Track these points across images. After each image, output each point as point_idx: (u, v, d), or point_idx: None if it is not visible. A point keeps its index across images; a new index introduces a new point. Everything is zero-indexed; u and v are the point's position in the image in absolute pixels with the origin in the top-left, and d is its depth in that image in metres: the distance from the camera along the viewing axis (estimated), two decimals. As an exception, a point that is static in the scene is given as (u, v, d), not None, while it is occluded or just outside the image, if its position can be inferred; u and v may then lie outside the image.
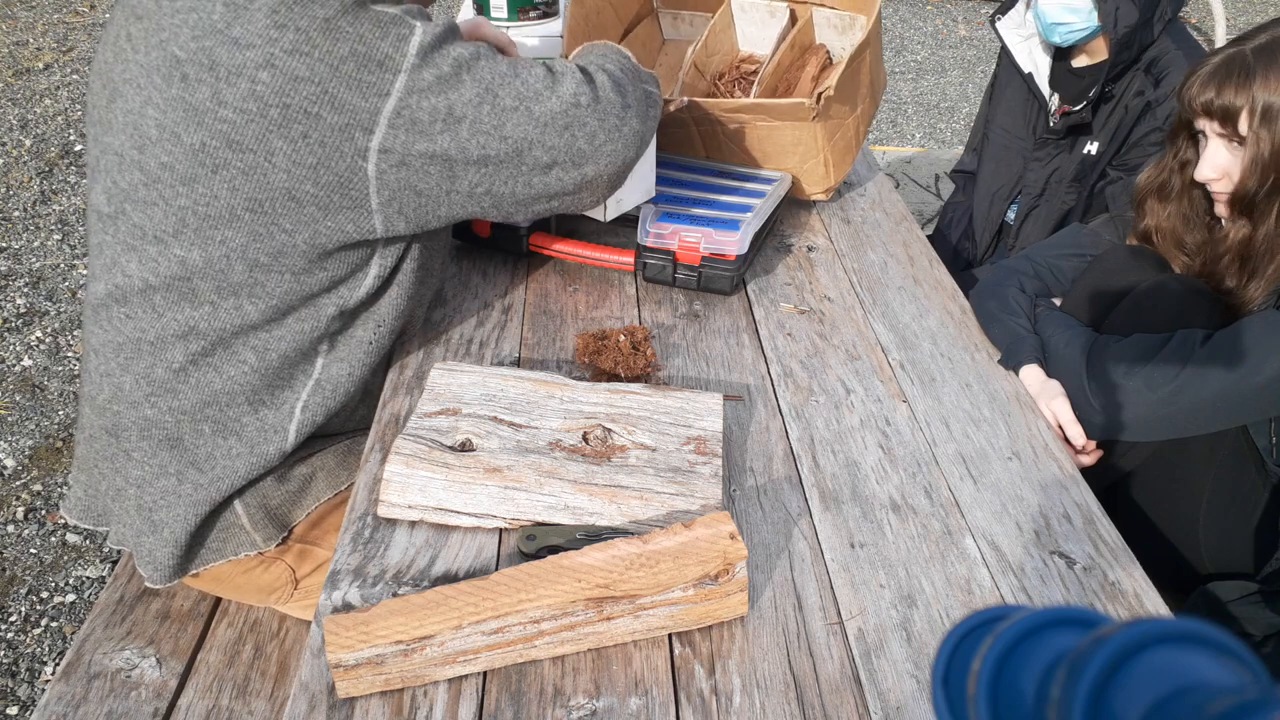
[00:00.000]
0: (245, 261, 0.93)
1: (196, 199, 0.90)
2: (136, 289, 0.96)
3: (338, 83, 0.85)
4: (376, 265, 1.01)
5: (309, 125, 0.86)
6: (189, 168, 0.89)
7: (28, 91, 3.80)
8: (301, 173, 0.88)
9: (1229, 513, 1.27)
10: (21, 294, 2.63)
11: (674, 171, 1.46)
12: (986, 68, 4.93)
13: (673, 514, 0.86)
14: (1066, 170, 1.80)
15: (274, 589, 1.11)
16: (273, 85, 0.85)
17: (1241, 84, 1.15)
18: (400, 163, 0.90)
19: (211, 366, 0.99)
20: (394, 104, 0.87)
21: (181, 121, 0.87)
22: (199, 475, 1.02)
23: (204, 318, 0.96)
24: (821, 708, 0.75)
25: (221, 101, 0.86)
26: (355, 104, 0.86)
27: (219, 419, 1.01)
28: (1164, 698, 0.31)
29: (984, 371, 1.19)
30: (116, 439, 1.03)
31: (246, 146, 0.87)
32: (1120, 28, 1.56)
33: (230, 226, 0.91)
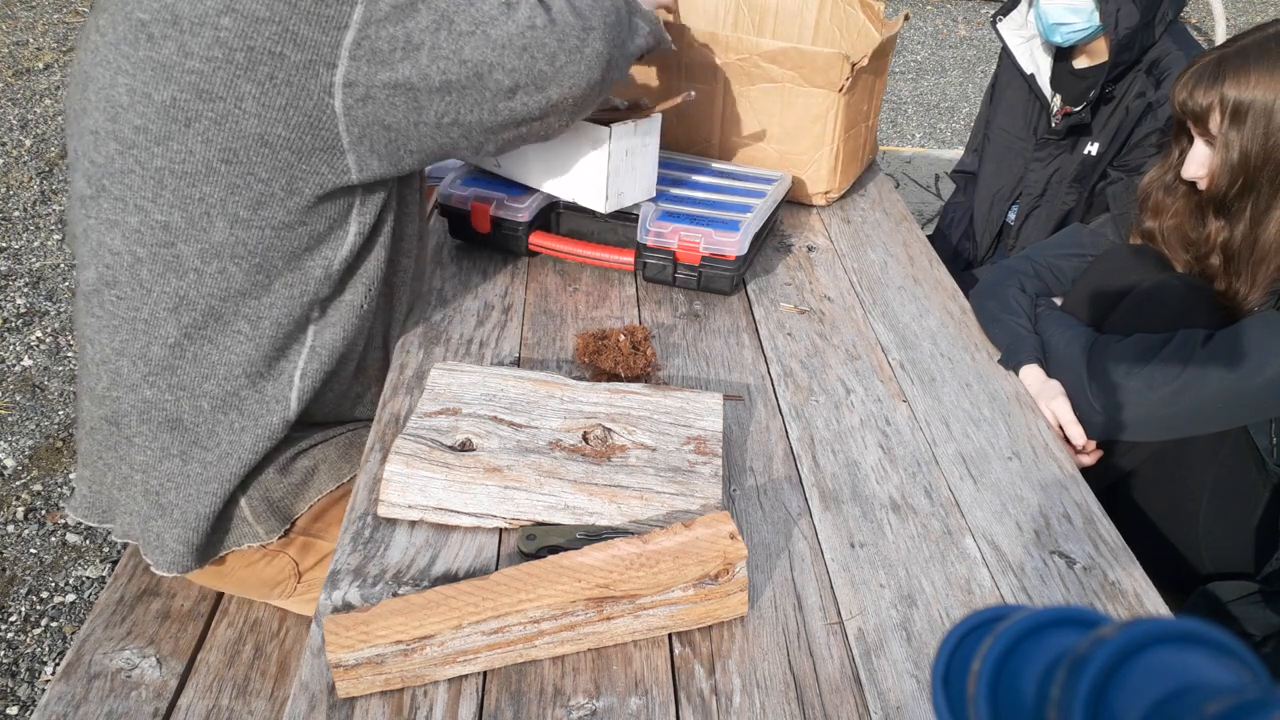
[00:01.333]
0: (225, 217, 0.93)
1: (172, 157, 0.91)
2: (124, 265, 0.96)
3: (297, 19, 0.87)
4: (355, 222, 1.01)
5: (274, 65, 0.87)
6: (162, 125, 0.90)
7: (28, 91, 3.80)
8: (272, 115, 0.89)
9: (1229, 513, 1.27)
10: (21, 294, 2.63)
11: (674, 171, 1.46)
12: (986, 68, 4.93)
13: (673, 514, 0.86)
14: (1067, 171, 1.80)
15: (277, 582, 1.11)
16: (235, 29, 0.86)
17: (1211, 84, 1.17)
18: (365, 96, 0.91)
19: (206, 339, 0.99)
20: (353, 35, 0.88)
21: (151, 80, 0.89)
22: (204, 454, 1.02)
23: (191, 285, 0.96)
24: (821, 708, 0.75)
25: (188, 53, 0.87)
26: (316, 39, 0.87)
27: (218, 394, 1.01)
28: (1164, 698, 0.31)
29: (984, 371, 1.19)
30: (117, 426, 1.03)
31: (216, 95, 0.88)
32: (1121, 29, 1.56)
33: (208, 181, 0.92)
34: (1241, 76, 1.14)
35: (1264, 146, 1.14)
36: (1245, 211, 1.19)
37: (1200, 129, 1.20)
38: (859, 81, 1.45)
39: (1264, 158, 1.15)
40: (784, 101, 1.45)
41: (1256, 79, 1.13)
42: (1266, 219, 1.18)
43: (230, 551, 1.06)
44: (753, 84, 1.46)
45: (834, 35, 1.72)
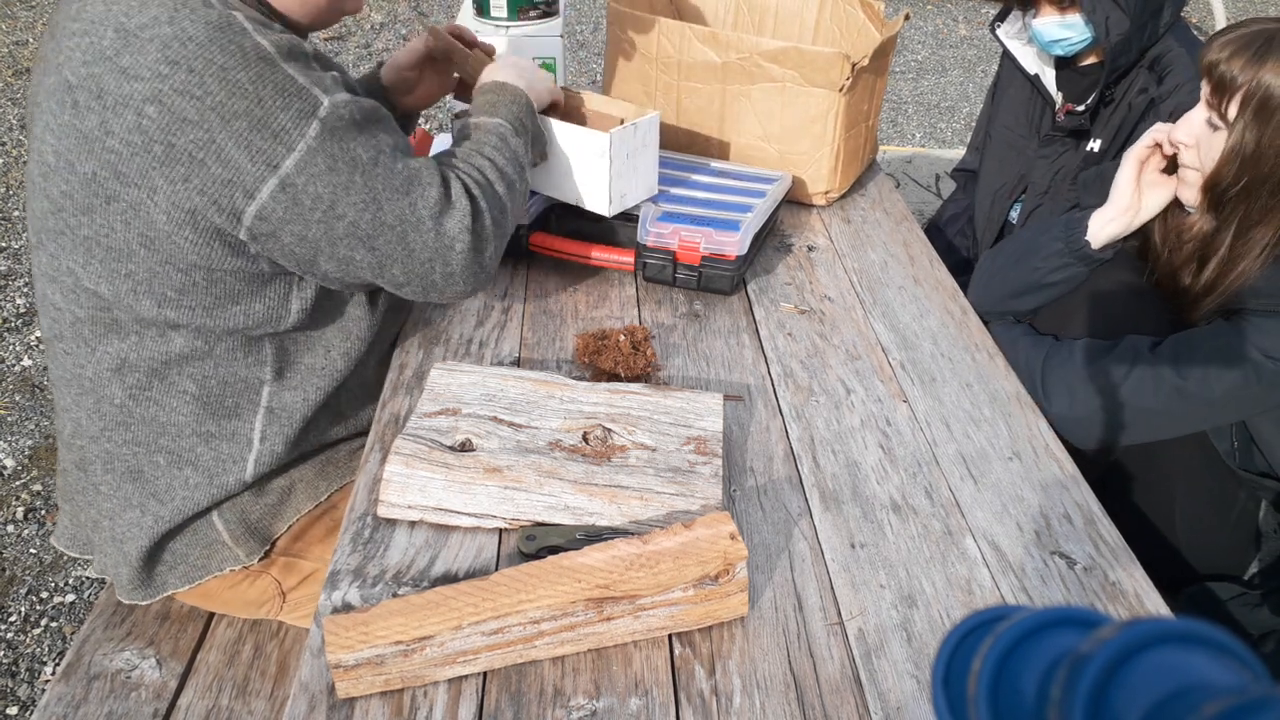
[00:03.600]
0: (153, 297, 0.90)
1: (96, 229, 0.87)
2: (67, 322, 0.94)
3: (226, 136, 0.82)
4: (296, 299, 0.97)
5: (191, 169, 0.83)
6: (85, 197, 0.86)
7: (28, 91, 3.80)
8: (180, 216, 0.85)
9: (1205, 514, 1.27)
10: (21, 294, 2.63)
11: (674, 171, 1.46)
12: (987, 67, 4.93)
13: (673, 514, 0.86)
14: (1071, 168, 1.80)
15: (261, 603, 1.11)
16: (159, 121, 0.81)
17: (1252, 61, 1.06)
18: (271, 234, 0.88)
19: (152, 400, 0.97)
20: (280, 178, 0.84)
21: (74, 149, 0.84)
22: (159, 507, 1.01)
23: (132, 348, 0.94)
24: (821, 708, 0.75)
25: (109, 131, 0.82)
26: (241, 164, 0.83)
27: (173, 449, 1.00)
28: (1164, 698, 0.31)
29: (984, 371, 1.19)
30: (85, 473, 1.03)
31: (132, 180, 0.84)
32: (1113, 35, 1.57)
33: (131, 260, 0.88)
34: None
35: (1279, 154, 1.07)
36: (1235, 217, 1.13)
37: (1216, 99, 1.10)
38: (860, 81, 1.44)
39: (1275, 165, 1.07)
40: (784, 101, 1.45)
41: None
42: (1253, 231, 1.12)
43: (213, 576, 1.06)
44: (753, 83, 1.46)
45: (834, 35, 1.72)
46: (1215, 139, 1.13)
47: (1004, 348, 1.25)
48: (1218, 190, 1.14)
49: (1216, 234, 1.16)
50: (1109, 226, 1.26)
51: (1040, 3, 1.67)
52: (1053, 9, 1.65)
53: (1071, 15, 1.63)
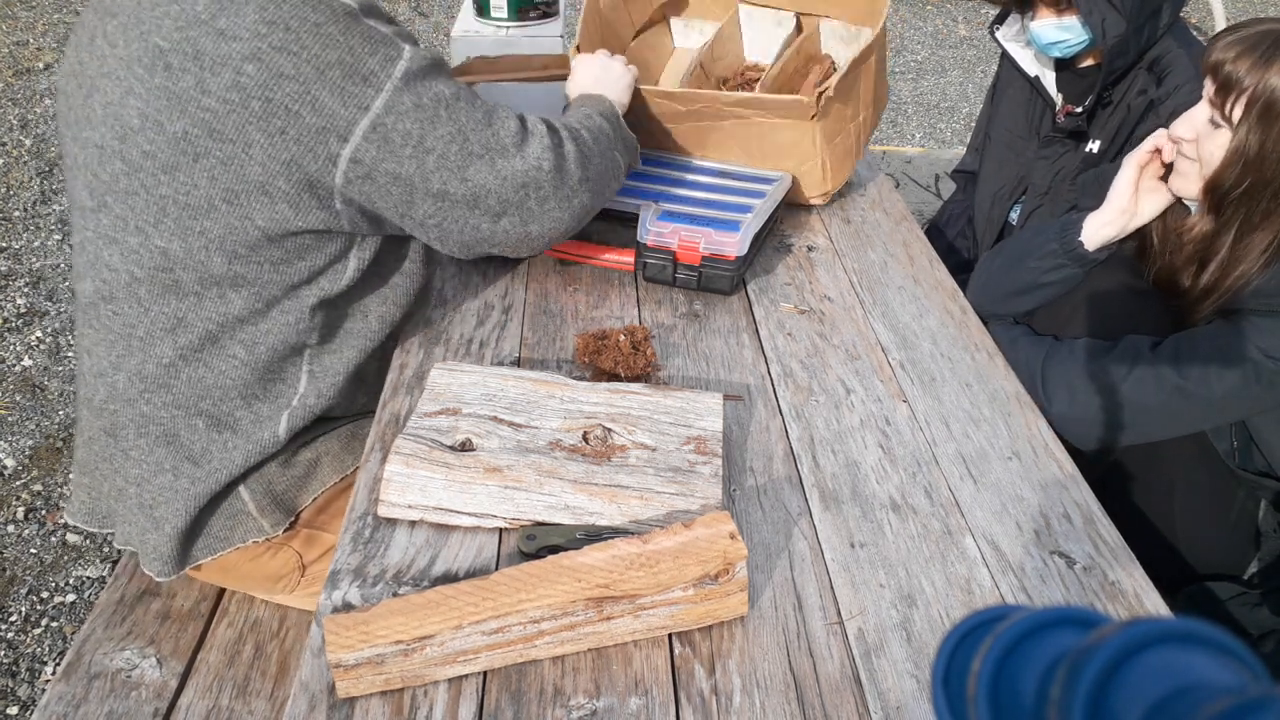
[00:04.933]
0: (224, 253, 0.94)
1: (177, 187, 0.90)
2: (122, 283, 0.96)
3: (321, 86, 0.87)
4: (355, 259, 1.02)
5: (288, 121, 0.88)
6: (171, 155, 0.89)
7: (28, 91, 3.80)
8: (275, 167, 0.89)
9: (1204, 514, 1.27)
10: (21, 294, 2.63)
11: (674, 171, 1.45)
12: (986, 68, 4.93)
13: (673, 514, 0.86)
14: (1071, 169, 1.80)
15: (281, 576, 1.11)
16: (257, 78, 0.86)
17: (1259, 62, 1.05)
18: (366, 175, 0.92)
19: (201, 361, 0.99)
20: (371, 119, 0.89)
21: (165, 109, 0.88)
22: (195, 469, 1.02)
23: (190, 308, 0.97)
24: (821, 708, 0.75)
25: (205, 90, 0.87)
26: (335, 109, 0.88)
27: (213, 413, 1.01)
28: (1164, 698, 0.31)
29: (984, 371, 1.19)
30: (115, 439, 1.03)
31: (226, 136, 0.88)
32: (1110, 37, 1.57)
33: (208, 217, 0.92)
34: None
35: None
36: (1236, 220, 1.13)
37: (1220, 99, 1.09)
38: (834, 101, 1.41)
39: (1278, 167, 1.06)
40: (759, 133, 1.42)
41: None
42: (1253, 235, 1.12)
43: (235, 548, 1.06)
44: (723, 120, 1.42)
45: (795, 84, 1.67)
46: (1216, 136, 1.13)
47: (1004, 347, 1.25)
48: (1219, 192, 1.14)
49: (1217, 237, 1.16)
50: (1104, 229, 1.26)
51: (1038, 5, 1.67)
52: (1050, 11, 1.65)
53: (1069, 17, 1.63)
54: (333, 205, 0.94)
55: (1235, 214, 1.14)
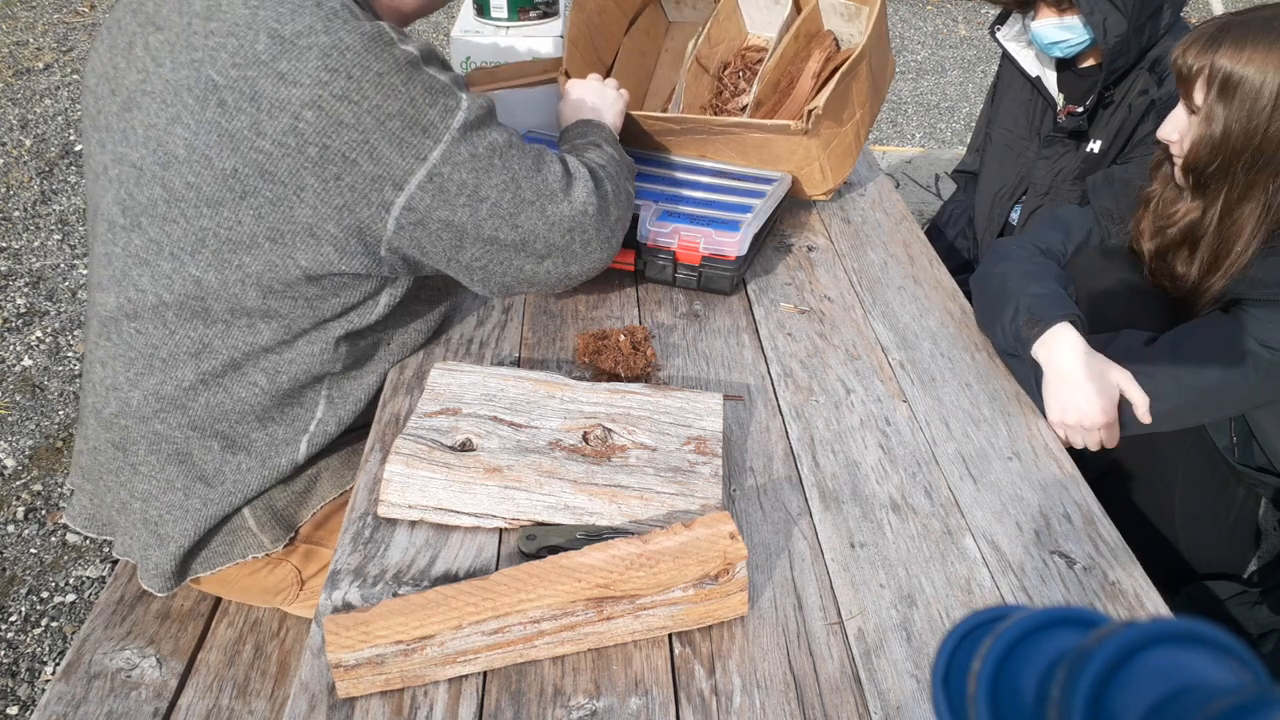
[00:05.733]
0: (260, 288, 0.94)
1: (220, 222, 0.90)
2: (149, 305, 0.96)
3: (380, 136, 0.88)
4: (387, 295, 1.03)
5: (343, 169, 0.88)
6: (216, 190, 0.89)
7: (28, 91, 3.80)
8: (327, 212, 0.90)
9: (1205, 511, 1.27)
10: (21, 294, 2.63)
11: (674, 171, 1.45)
12: (986, 68, 4.93)
13: (673, 514, 0.86)
14: (1071, 169, 1.80)
15: (279, 590, 1.11)
16: (316, 125, 0.86)
17: (1205, 48, 1.10)
18: (419, 222, 0.93)
19: (222, 387, 0.99)
20: (428, 169, 0.90)
21: (214, 145, 0.88)
22: (207, 490, 1.02)
23: (217, 335, 0.97)
24: (821, 708, 0.75)
25: (260, 132, 0.87)
26: (393, 160, 0.89)
27: (229, 435, 1.01)
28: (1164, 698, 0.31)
29: (984, 371, 1.19)
30: (123, 453, 1.03)
31: (278, 179, 0.88)
32: (1111, 36, 1.57)
33: (249, 253, 0.92)
34: (1238, 48, 1.07)
35: (1245, 129, 1.08)
36: (1219, 197, 1.14)
37: (1186, 92, 1.14)
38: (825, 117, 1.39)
39: (1244, 141, 1.09)
40: (754, 145, 1.42)
41: (1250, 54, 1.07)
42: (1238, 210, 1.13)
43: (235, 563, 1.06)
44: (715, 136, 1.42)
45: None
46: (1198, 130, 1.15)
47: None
48: (1195, 173, 1.16)
49: (1203, 216, 1.17)
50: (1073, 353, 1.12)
51: (1039, 5, 1.67)
52: (1051, 11, 1.65)
53: (1070, 17, 1.63)
54: (378, 252, 0.95)
55: (1216, 191, 1.15)
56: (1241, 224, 1.12)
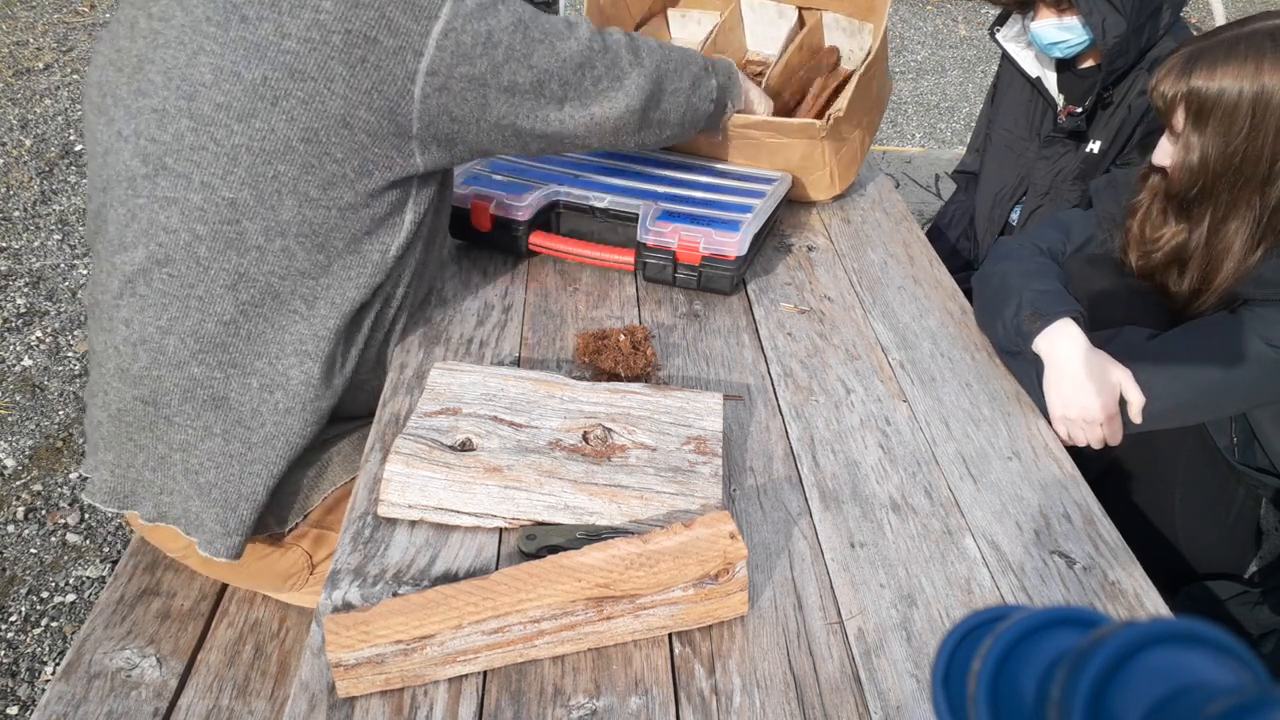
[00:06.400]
0: (296, 195, 0.96)
1: (252, 134, 0.93)
2: (181, 243, 0.97)
3: (394, 6, 0.93)
4: (410, 211, 1.07)
5: (367, 49, 0.93)
6: (248, 103, 0.93)
7: (28, 91, 3.80)
8: (357, 98, 0.94)
9: (1205, 511, 1.27)
10: (21, 294, 2.63)
11: (674, 171, 1.45)
12: (986, 68, 4.93)
13: (673, 514, 0.86)
14: (1071, 169, 1.81)
15: (290, 575, 1.12)
16: (335, 13, 0.91)
17: (1179, 77, 1.10)
18: (443, 86, 0.97)
19: (262, 316, 1.00)
20: (442, 26, 0.95)
21: (242, 59, 0.92)
22: (248, 434, 1.02)
23: (253, 263, 0.98)
24: (821, 708, 0.75)
25: (285, 34, 0.91)
26: (408, 26, 0.94)
27: (268, 372, 1.02)
28: (1164, 698, 0.31)
29: (984, 371, 1.19)
30: (155, 406, 1.02)
31: (308, 75, 0.92)
32: (1110, 37, 1.57)
33: (284, 159, 0.95)
34: (1209, 73, 1.08)
35: (1223, 153, 1.08)
36: (1205, 218, 1.14)
37: (1167, 121, 1.15)
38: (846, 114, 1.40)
39: (1224, 164, 1.09)
40: (769, 150, 1.43)
41: (1222, 77, 1.07)
42: (1224, 229, 1.13)
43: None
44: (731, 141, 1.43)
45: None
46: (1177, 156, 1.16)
47: None
48: (1178, 198, 1.17)
49: (1189, 239, 1.18)
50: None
51: (1038, 5, 1.67)
52: (1051, 11, 1.65)
53: (1069, 18, 1.63)
54: (410, 131, 0.99)
55: (1200, 214, 1.15)
56: (1229, 241, 1.13)
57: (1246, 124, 1.06)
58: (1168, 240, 1.20)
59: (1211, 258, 1.15)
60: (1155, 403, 1.10)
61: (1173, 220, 1.20)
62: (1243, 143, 1.07)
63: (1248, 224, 1.11)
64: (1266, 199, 1.09)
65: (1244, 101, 1.06)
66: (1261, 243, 1.11)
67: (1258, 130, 1.06)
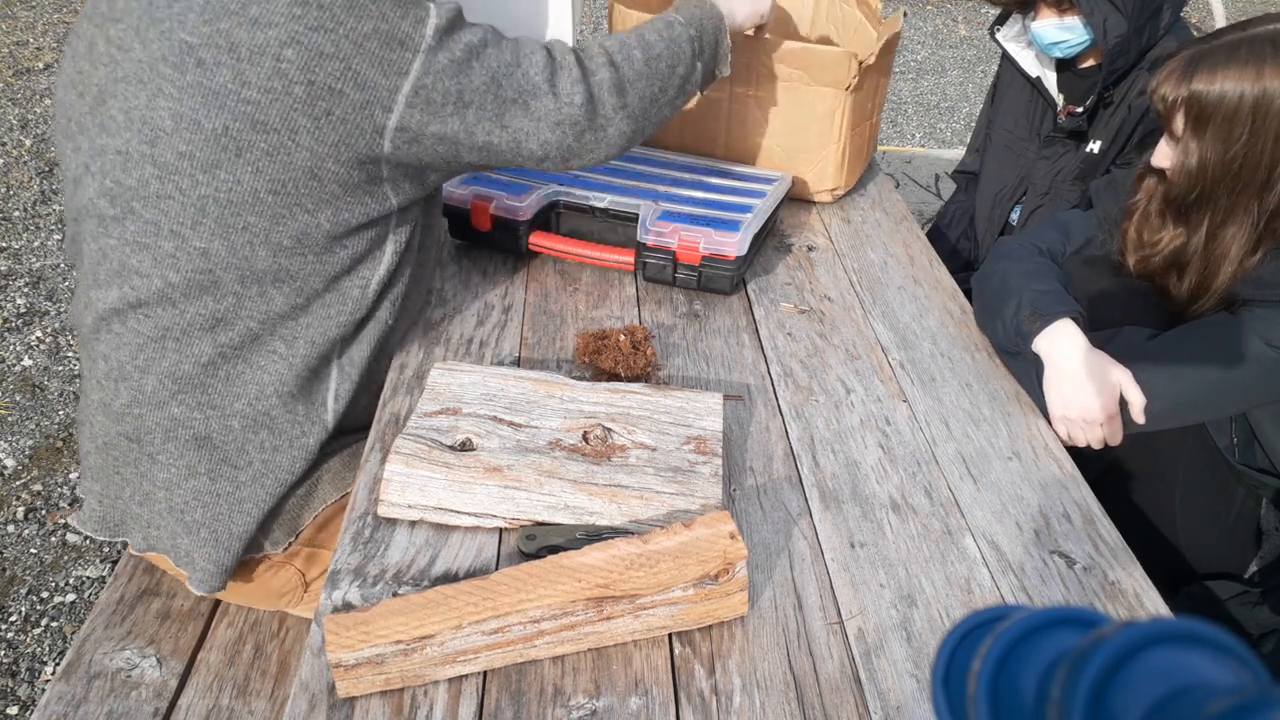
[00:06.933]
0: (269, 246, 0.93)
1: (218, 185, 0.90)
2: (155, 287, 0.94)
3: (361, 59, 0.88)
4: (392, 241, 1.03)
5: (333, 102, 0.88)
6: (210, 154, 0.88)
7: (28, 91, 3.80)
8: (324, 150, 0.90)
9: (1205, 511, 1.27)
10: (21, 294, 2.63)
11: (674, 171, 1.46)
12: (986, 68, 4.93)
13: (673, 514, 0.86)
14: (1071, 169, 1.80)
15: (284, 593, 1.11)
16: (298, 62, 0.86)
17: (1179, 81, 1.10)
18: (413, 139, 0.94)
19: (241, 358, 0.98)
20: (411, 83, 0.90)
21: (201, 107, 0.87)
22: (235, 473, 1.01)
23: (229, 308, 0.96)
24: (821, 708, 0.75)
25: (245, 82, 0.86)
26: (377, 81, 0.89)
27: (249, 413, 1.00)
28: (1164, 698, 0.31)
29: (984, 371, 1.19)
30: (139, 443, 1.01)
31: (271, 126, 0.88)
32: (1111, 37, 1.57)
33: (253, 211, 0.91)
34: (1210, 76, 1.07)
35: (1223, 158, 1.08)
36: (1203, 223, 1.14)
37: (1167, 125, 1.14)
38: (865, 79, 1.45)
39: (1223, 169, 1.09)
40: (791, 99, 1.45)
41: (1222, 83, 1.06)
42: (1222, 233, 1.13)
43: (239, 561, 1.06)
44: (759, 84, 1.46)
45: (830, 32, 1.72)
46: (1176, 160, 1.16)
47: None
48: (1175, 203, 1.16)
49: (1187, 244, 1.17)
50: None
51: (1039, 5, 1.67)
52: (1051, 11, 1.65)
53: (1070, 17, 1.63)
54: (380, 174, 0.96)
55: (1199, 219, 1.15)
56: (1227, 246, 1.13)
57: (1246, 129, 1.06)
58: (1166, 244, 1.20)
59: (1210, 262, 1.15)
60: (1155, 403, 1.10)
61: (1170, 224, 1.19)
62: (1242, 148, 1.07)
63: (1246, 228, 1.11)
64: (1265, 204, 1.09)
65: (1244, 107, 1.05)
66: (1260, 246, 1.11)
67: (1258, 136, 1.06)
